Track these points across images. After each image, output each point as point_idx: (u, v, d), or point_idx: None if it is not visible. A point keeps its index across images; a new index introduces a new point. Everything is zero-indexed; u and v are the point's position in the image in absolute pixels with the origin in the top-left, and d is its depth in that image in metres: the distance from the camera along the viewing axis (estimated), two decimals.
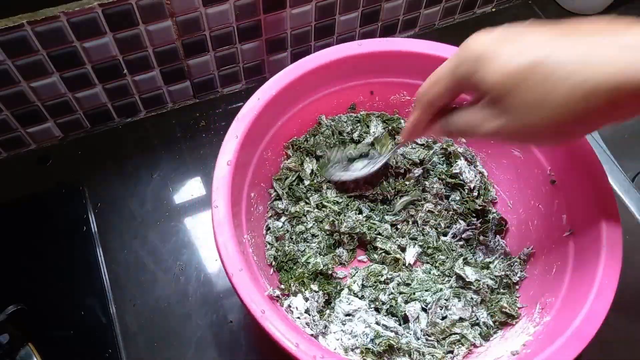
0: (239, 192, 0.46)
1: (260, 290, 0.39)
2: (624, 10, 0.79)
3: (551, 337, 0.39)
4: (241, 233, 0.44)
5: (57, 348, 0.48)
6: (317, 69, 0.49)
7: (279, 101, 0.49)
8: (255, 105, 0.47)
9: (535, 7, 0.79)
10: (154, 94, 0.62)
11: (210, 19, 0.56)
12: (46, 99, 0.56)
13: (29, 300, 0.49)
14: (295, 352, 0.35)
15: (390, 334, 0.45)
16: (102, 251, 0.54)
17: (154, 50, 0.57)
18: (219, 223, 0.40)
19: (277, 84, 0.48)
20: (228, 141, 0.45)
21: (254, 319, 0.37)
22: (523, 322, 0.45)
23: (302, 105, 0.52)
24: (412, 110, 0.41)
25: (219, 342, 0.50)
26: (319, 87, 0.52)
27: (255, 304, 0.37)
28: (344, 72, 0.52)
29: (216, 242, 0.40)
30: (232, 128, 0.45)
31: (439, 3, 0.71)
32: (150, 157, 0.61)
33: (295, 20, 0.61)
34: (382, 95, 0.56)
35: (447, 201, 0.55)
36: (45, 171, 0.59)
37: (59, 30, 0.49)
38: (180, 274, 0.53)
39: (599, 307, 0.38)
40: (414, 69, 0.52)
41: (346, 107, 0.56)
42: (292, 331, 0.36)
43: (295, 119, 0.53)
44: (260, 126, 0.48)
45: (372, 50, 0.51)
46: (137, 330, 0.50)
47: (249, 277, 0.38)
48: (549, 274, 0.46)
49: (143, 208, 0.57)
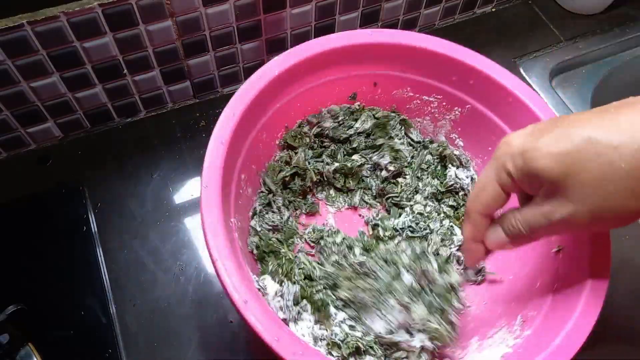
0: (230, 173, 0.44)
1: (244, 278, 0.37)
2: (624, 10, 0.79)
3: (531, 352, 0.38)
4: (228, 216, 0.42)
5: (57, 348, 0.48)
6: (323, 53, 0.48)
7: (280, 82, 0.47)
8: (255, 84, 0.45)
9: (535, 7, 0.79)
10: (154, 94, 0.62)
11: (210, 19, 0.56)
12: (46, 99, 0.56)
13: (29, 300, 0.49)
14: (275, 346, 0.34)
15: (357, 334, 0.43)
16: (102, 251, 0.54)
17: (154, 50, 0.57)
18: (207, 204, 0.38)
19: (281, 64, 0.46)
20: (224, 119, 0.43)
21: (236, 308, 0.35)
22: (502, 333, 0.44)
23: (304, 89, 0.51)
24: (463, 230, 0.39)
25: (219, 342, 0.50)
26: (322, 71, 0.50)
27: (238, 293, 0.35)
28: (350, 59, 0.50)
29: (202, 224, 0.38)
30: (229, 105, 0.43)
31: (439, 3, 0.71)
32: (150, 157, 0.61)
33: (295, 20, 0.61)
34: (385, 88, 0.54)
35: (437, 204, 0.55)
36: (45, 171, 0.59)
37: (59, 30, 0.49)
38: (180, 274, 0.53)
39: (583, 326, 0.37)
40: (423, 65, 0.51)
41: (347, 96, 0.55)
42: (274, 325, 0.35)
43: (295, 102, 0.51)
44: (258, 106, 0.46)
45: (383, 41, 0.49)
46: (137, 330, 0.50)
47: (233, 264, 0.37)
48: (532, 287, 0.45)
49: (143, 208, 0.57)
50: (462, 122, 0.54)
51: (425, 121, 0.57)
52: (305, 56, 0.47)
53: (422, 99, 0.55)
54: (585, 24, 0.77)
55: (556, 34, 0.75)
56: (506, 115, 0.50)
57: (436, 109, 0.55)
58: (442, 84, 0.52)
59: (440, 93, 0.53)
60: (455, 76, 0.51)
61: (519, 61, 0.72)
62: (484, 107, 0.51)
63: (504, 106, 0.49)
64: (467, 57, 0.49)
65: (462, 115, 0.54)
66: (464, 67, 0.49)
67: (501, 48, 0.73)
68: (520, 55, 0.72)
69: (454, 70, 0.50)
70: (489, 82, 0.49)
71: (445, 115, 0.55)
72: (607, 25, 0.77)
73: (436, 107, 0.55)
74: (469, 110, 0.53)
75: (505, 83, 0.48)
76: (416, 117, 0.57)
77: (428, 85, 0.53)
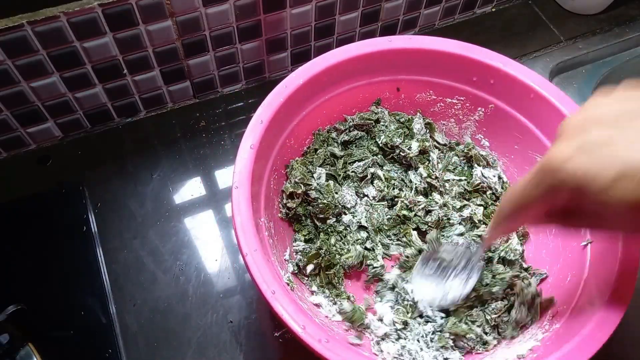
0: (259, 176, 0.46)
1: (272, 271, 0.39)
2: (624, 10, 0.79)
3: (559, 343, 0.39)
4: (258, 216, 0.45)
5: (57, 348, 0.48)
6: (344, 62, 0.50)
7: (305, 90, 0.49)
8: (282, 92, 0.47)
9: (535, 7, 0.79)
10: (154, 94, 0.62)
11: (210, 19, 0.56)
12: (46, 99, 0.56)
13: (29, 300, 0.49)
14: (301, 334, 0.36)
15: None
16: (102, 251, 0.54)
17: (154, 50, 0.57)
18: (237, 203, 0.41)
19: (305, 73, 0.48)
20: (253, 125, 0.45)
21: (264, 298, 0.37)
22: (532, 329, 0.45)
23: (329, 96, 0.52)
24: (495, 229, 0.41)
25: (219, 342, 0.50)
26: (346, 79, 0.52)
27: (267, 284, 0.38)
28: (372, 67, 0.52)
29: (234, 221, 0.40)
30: (257, 113, 0.46)
31: (439, 3, 0.71)
32: (150, 157, 0.61)
33: (295, 20, 0.61)
34: (408, 92, 0.55)
35: (466, 202, 0.55)
36: (45, 171, 0.59)
37: (59, 30, 0.49)
38: (180, 274, 0.53)
39: (612, 315, 0.37)
40: (443, 68, 0.52)
41: (371, 102, 0.56)
42: (300, 314, 0.37)
43: (320, 110, 0.53)
44: (285, 114, 0.48)
45: (402, 47, 0.50)
46: (137, 330, 0.50)
47: (262, 257, 0.39)
48: (564, 282, 0.46)
49: (143, 208, 0.57)
50: (486, 122, 0.55)
51: (450, 123, 0.57)
52: (328, 65, 0.49)
53: (445, 101, 0.55)
54: (585, 24, 0.77)
55: (556, 34, 0.75)
56: (529, 111, 0.50)
57: (460, 111, 0.55)
58: (463, 85, 0.53)
59: (463, 94, 0.54)
60: (475, 76, 0.52)
61: (519, 61, 0.71)
62: (506, 106, 0.52)
63: (526, 103, 0.50)
64: (484, 56, 0.50)
65: (486, 115, 0.54)
66: (483, 66, 0.50)
67: (501, 48, 0.73)
68: (520, 55, 0.72)
69: (474, 71, 0.51)
70: (509, 79, 0.50)
71: (469, 117, 0.55)
72: (607, 25, 0.77)
73: (460, 109, 0.55)
74: (493, 110, 0.53)
75: (524, 79, 0.49)
76: (441, 120, 0.57)
77: (450, 87, 0.54)
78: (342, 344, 0.40)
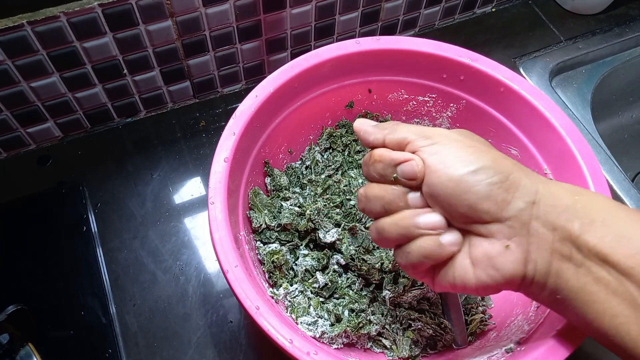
0: (235, 189, 0.46)
1: (255, 286, 0.39)
2: (624, 10, 0.79)
3: (546, 333, 0.39)
4: (237, 230, 0.44)
5: (57, 348, 0.48)
6: (314, 66, 0.49)
7: (276, 98, 0.48)
8: (252, 103, 0.46)
9: (535, 7, 0.79)
10: (154, 94, 0.62)
11: (210, 19, 0.56)
12: (46, 99, 0.56)
13: (29, 300, 0.49)
14: (289, 348, 0.36)
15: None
16: (102, 251, 0.54)
17: (154, 50, 0.57)
18: (214, 219, 0.40)
19: (275, 81, 0.48)
20: (225, 138, 0.44)
21: (249, 315, 0.37)
22: (518, 321, 0.45)
23: (300, 102, 0.52)
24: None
25: (219, 342, 0.50)
26: (317, 84, 0.52)
27: (250, 300, 0.37)
28: (342, 70, 0.52)
29: (212, 238, 0.40)
30: (229, 125, 0.45)
31: (439, 3, 0.71)
32: (150, 157, 0.61)
33: (295, 20, 0.61)
34: (380, 93, 0.55)
35: None
36: (45, 171, 0.59)
37: (59, 30, 0.49)
38: (180, 274, 0.53)
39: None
40: (412, 67, 0.52)
41: (344, 105, 0.56)
42: (286, 327, 0.37)
43: (293, 117, 0.52)
44: (257, 123, 0.48)
45: (370, 48, 0.50)
46: (137, 330, 0.50)
47: (244, 273, 0.38)
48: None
49: (143, 208, 0.57)
50: (459, 117, 0.55)
51: (424, 122, 0.57)
52: (299, 70, 0.48)
53: (417, 99, 0.55)
54: (585, 24, 0.77)
55: (556, 34, 0.75)
56: (500, 105, 0.51)
57: (432, 108, 0.55)
58: (434, 82, 0.53)
59: (434, 92, 0.54)
60: (445, 74, 0.52)
61: (518, 61, 0.72)
62: (478, 101, 0.52)
63: (497, 97, 0.50)
64: (453, 53, 0.50)
65: (459, 111, 0.54)
66: (452, 63, 0.50)
67: (501, 48, 0.73)
68: (520, 55, 0.72)
69: (443, 68, 0.51)
70: (479, 75, 0.50)
71: (442, 113, 0.55)
72: (607, 25, 0.77)
73: (432, 106, 0.55)
74: (465, 105, 0.53)
75: (493, 74, 0.49)
76: (414, 118, 0.57)
77: (421, 85, 0.54)
78: (331, 353, 0.40)
